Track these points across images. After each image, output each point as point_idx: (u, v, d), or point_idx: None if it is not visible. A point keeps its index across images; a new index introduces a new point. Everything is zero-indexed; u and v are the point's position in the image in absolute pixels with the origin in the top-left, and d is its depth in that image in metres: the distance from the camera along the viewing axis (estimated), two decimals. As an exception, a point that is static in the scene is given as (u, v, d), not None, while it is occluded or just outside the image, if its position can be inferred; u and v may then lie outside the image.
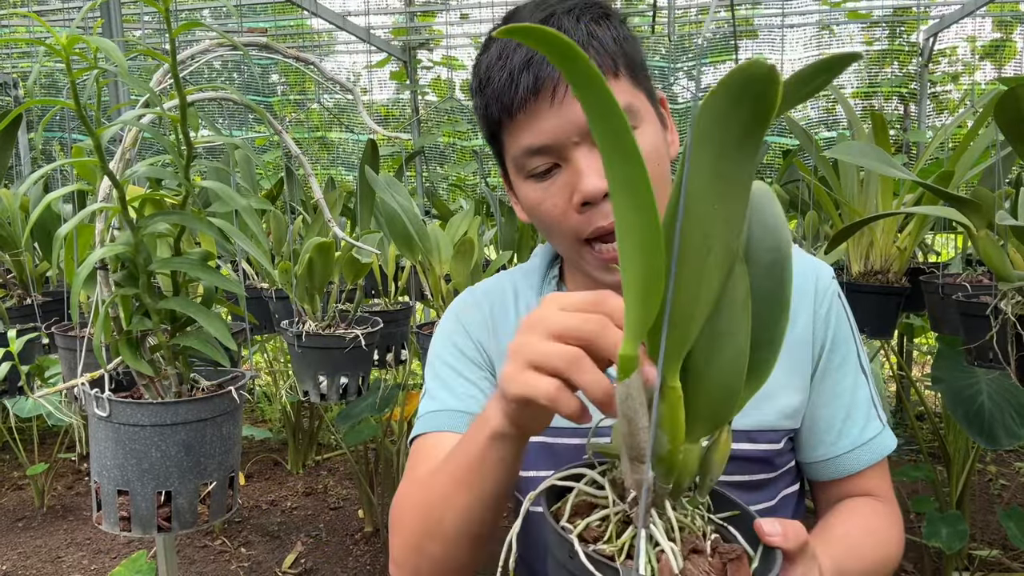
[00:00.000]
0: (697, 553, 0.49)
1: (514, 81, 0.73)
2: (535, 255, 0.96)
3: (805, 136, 2.18)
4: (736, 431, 0.79)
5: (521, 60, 0.73)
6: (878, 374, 3.19)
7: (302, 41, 4.50)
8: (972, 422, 1.89)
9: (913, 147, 3.90)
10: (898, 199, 1.87)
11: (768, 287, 0.51)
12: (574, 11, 0.75)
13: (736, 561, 0.49)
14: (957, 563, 2.26)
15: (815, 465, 0.85)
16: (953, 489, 2.29)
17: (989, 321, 1.21)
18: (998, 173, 1.38)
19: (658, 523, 0.49)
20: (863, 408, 0.85)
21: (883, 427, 0.86)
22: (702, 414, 0.50)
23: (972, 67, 4.28)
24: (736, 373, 0.49)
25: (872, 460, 0.84)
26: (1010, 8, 3.95)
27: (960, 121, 2.63)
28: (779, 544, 0.52)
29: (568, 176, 0.75)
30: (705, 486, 0.53)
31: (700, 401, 0.49)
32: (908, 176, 1.34)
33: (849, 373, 0.85)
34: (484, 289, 0.95)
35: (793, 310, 0.82)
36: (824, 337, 0.84)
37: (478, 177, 3.93)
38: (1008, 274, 1.20)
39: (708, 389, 0.49)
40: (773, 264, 0.52)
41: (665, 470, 0.49)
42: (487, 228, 2.61)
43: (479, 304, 0.92)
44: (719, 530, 0.54)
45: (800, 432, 0.85)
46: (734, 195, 0.43)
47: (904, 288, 1.83)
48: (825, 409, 0.84)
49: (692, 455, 0.50)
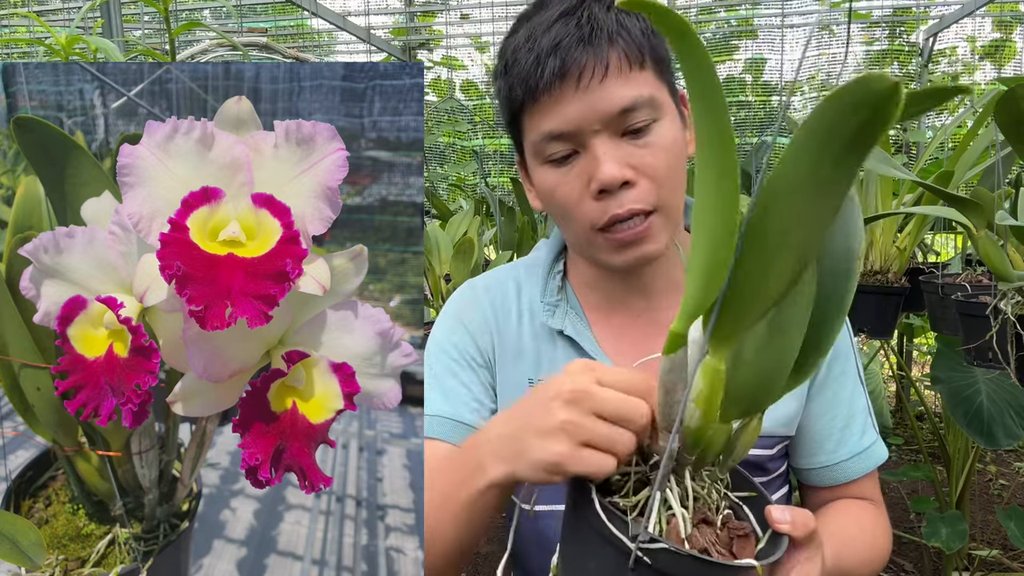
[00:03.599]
0: (707, 524, 0.51)
1: (540, 64, 0.74)
2: (538, 248, 0.96)
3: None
4: None
5: (549, 44, 0.73)
6: (877, 375, 3.19)
7: (302, 41, 4.50)
8: (971, 422, 1.89)
9: (913, 147, 3.90)
10: (898, 199, 1.87)
11: (832, 291, 0.52)
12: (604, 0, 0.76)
13: (743, 539, 0.51)
14: (957, 563, 2.26)
15: (813, 472, 0.87)
16: (953, 489, 2.29)
17: (989, 321, 1.21)
18: (998, 173, 1.38)
19: (675, 489, 0.50)
20: (861, 417, 0.86)
21: (877, 436, 0.88)
22: (740, 398, 0.51)
23: (972, 67, 4.28)
24: (783, 368, 0.50)
25: (868, 468, 0.86)
26: (1010, 8, 3.95)
27: (960, 121, 2.63)
28: (788, 531, 0.53)
29: (586, 163, 0.75)
30: (727, 464, 0.55)
31: (741, 386, 0.50)
32: (908, 176, 1.34)
33: (848, 383, 0.86)
34: (484, 284, 0.94)
35: None
36: None
37: (478, 177, 3.93)
38: (1008, 274, 1.21)
39: (751, 376, 0.50)
40: (843, 271, 0.52)
41: (692, 443, 0.51)
42: (487, 228, 2.61)
43: (479, 301, 0.91)
44: (733, 507, 0.56)
45: (799, 439, 0.86)
46: (825, 202, 0.42)
47: (904, 288, 1.83)
48: (825, 417, 0.85)
49: (721, 434, 0.51)
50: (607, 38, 0.73)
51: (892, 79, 0.34)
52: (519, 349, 0.88)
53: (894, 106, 0.35)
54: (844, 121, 0.37)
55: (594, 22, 0.73)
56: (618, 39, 0.73)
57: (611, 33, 0.73)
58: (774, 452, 0.84)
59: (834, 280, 0.52)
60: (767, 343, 0.49)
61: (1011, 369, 1.20)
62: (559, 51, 0.73)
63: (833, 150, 0.39)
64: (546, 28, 0.74)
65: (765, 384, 0.50)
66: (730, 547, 0.51)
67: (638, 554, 0.46)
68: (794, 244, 0.43)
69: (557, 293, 0.88)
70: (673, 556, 0.47)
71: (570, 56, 0.73)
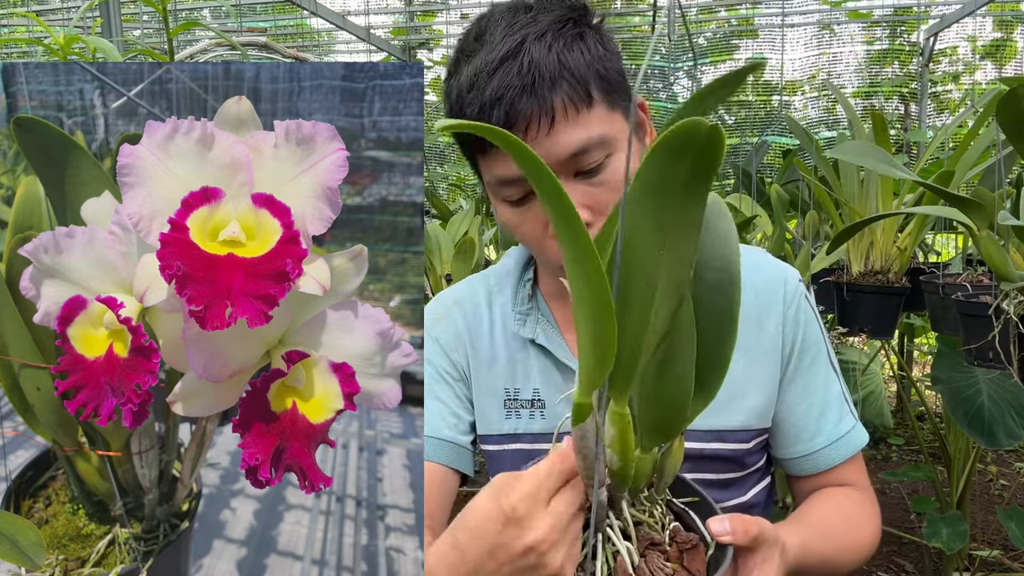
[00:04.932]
0: (654, 547, 0.52)
1: (486, 115, 0.71)
2: (508, 256, 0.96)
3: (805, 136, 2.18)
4: (706, 431, 0.83)
5: (492, 95, 0.71)
6: (878, 375, 3.19)
7: (302, 41, 4.50)
8: (972, 422, 1.89)
9: (914, 147, 3.89)
10: (898, 199, 1.87)
11: (717, 305, 0.52)
12: (546, 36, 0.72)
13: (692, 551, 0.53)
14: (957, 563, 2.26)
15: (794, 461, 0.88)
16: (954, 489, 2.29)
17: (990, 321, 1.21)
18: (999, 173, 1.38)
19: (615, 524, 0.52)
20: (836, 404, 0.87)
21: (856, 422, 0.88)
22: (653, 429, 0.53)
23: (973, 67, 4.28)
24: (683, 393, 0.51)
25: (848, 454, 0.86)
26: (1010, 8, 3.95)
27: (961, 121, 2.63)
28: (730, 542, 0.55)
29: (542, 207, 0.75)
30: (661, 486, 0.57)
31: (650, 418, 0.52)
32: (909, 176, 1.34)
33: (820, 372, 0.87)
34: (454, 297, 0.95)
35: (763, 312, 0.85)
36: (794, 338, 0.86)
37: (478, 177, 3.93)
38: (1010, 274, 1.20)
39: (657, 407, 0.52)
40: (721, 282, 0.52)
41: (619, 481, 0.53)
42: (487, 228, 2.61)
43: (450, 315, 0.92)
44: (680, 515, 0.58)
45: (777, 430, 0.87)
46: (680, 242, 0.44)
47: (904, 288, 1.83)
48: (800, 407, 0.86)
49: (646, 463, 0.53)
50: (549, 84, 0.70)
51: (708, 123, 0.37)
52: (493, 358, 0.89)
53: (717, 145, 0.37)
54: (674, 167, 0.39)
55: (535, 68, 0.70)
56: (561, 83, 0.70)
57: (553, 78, 0.70)
58: (751, 446, 0.85)
59: (716, 291, 0.52)
60: (661, 376, 0.51)
61: (1013, 369, 1.20)
62: (502, 104, 0.70)
63: (673, 193, 0.41)
64: (488, 75, 0.71)
65: (672, 411, 0.52)
66: (681, 561, 0.52)
67: None
68: (661, 285, 0.45)
69: (528, 301, 0.89)
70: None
71: (514, 109, 0.70)
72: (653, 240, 0.43)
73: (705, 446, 0.83)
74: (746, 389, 0.83)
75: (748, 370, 0.83)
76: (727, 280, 0.52)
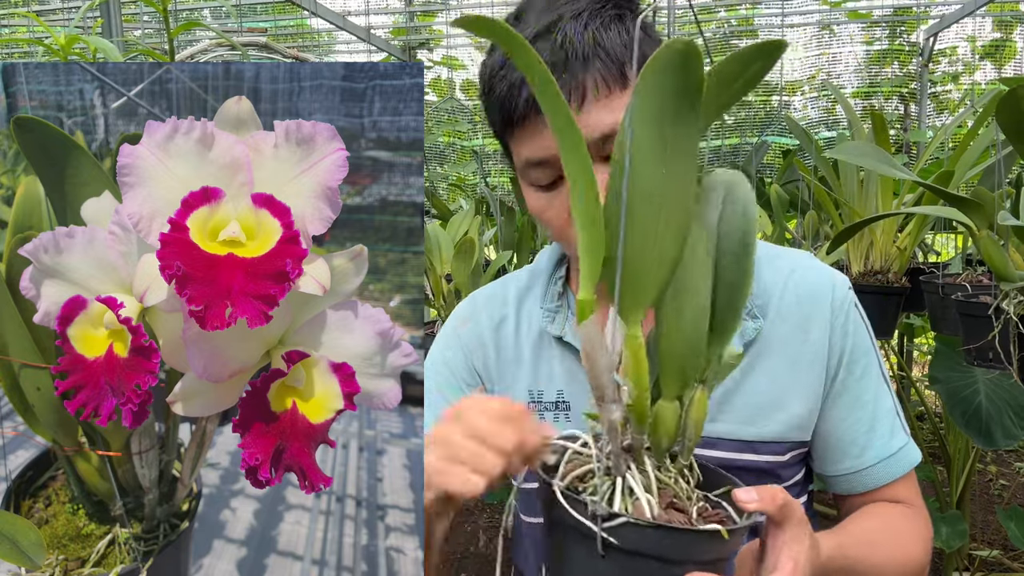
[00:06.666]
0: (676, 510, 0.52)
1: (514, 93, 0.71)
2: (541, 256, 0.95)
3: (805, 136, 2.18)
4: (739, 441, 0.79)
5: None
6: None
7: (302, 41, 4.50)
8: (970, 422, 1.89)
9: (913, 147, 3.90)
10: (898, 199, 1.87)
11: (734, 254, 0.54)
12: (583, 15, 0.71)
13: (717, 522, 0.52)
14: (957, 563, 2.26)
15: (841, 479, 0.83)
16: (953, 489, 2.29)
17: (990, 321, 1.21)
18: (999, 173, 1.38)
19: (636, 476, 0.51)
20: (887, 419, 0.82)
21: (908, 439, 0.83)
22: (671, 369, 0.53)
23: (972, 67, 4.28)
24: (698, 329, 0.52)
25: (899, 473, 0.82)
26: (1010, 8, 3.95)
27: (960, 121, 2.63)
28: (756, 508, 0.54)
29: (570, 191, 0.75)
30: (686, 448, 0.55)
31: (668, 356, 0.53)
32: (908, 176, 1.34)
33: (871, 384, 0.82)
34: (487, 294, 0.93)
35: (807, 318, 0.82)
36: (842, 348, 0.81)
37: (478, 177, 3.92)
38: (1010, 274, 1.20)
39: (674, 344, 0.53)
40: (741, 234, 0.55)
41: (636, 417, 0.52)
42: (487, 228, 2.61)
43: (477, 316, 0.91)
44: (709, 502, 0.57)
45: (823, 446, 0.83)
46: (679, 158, 0.48)
47: (904, 288, 1.83)
48: (847, 421, 0.82)
49: (668, 412, 0.53)
50: (582, 62, 0.69)
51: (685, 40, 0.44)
52: (518, 359, 0.88)
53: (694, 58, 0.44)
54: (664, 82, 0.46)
55: (568, 45, 0.69)
56: (595, 61, 0.69)
57: (586, 56, 0.69)
58: (787, 459, 0.81)
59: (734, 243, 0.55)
60: (679, 306, 0.52)
61: (1014, 369, 1.20)
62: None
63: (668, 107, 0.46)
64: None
65: (688, 348, 0.52)
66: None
67: (603, 535, 0.46)
68: (666, 205, 0.49)
69: (557, 299, 0.88)
70: (638, 530, 0.47)
71: None
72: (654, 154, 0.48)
73: (737, 456, 0.79)
74: (785, 398, 0.80)
75: (790, 379, 0.80)
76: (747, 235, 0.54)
